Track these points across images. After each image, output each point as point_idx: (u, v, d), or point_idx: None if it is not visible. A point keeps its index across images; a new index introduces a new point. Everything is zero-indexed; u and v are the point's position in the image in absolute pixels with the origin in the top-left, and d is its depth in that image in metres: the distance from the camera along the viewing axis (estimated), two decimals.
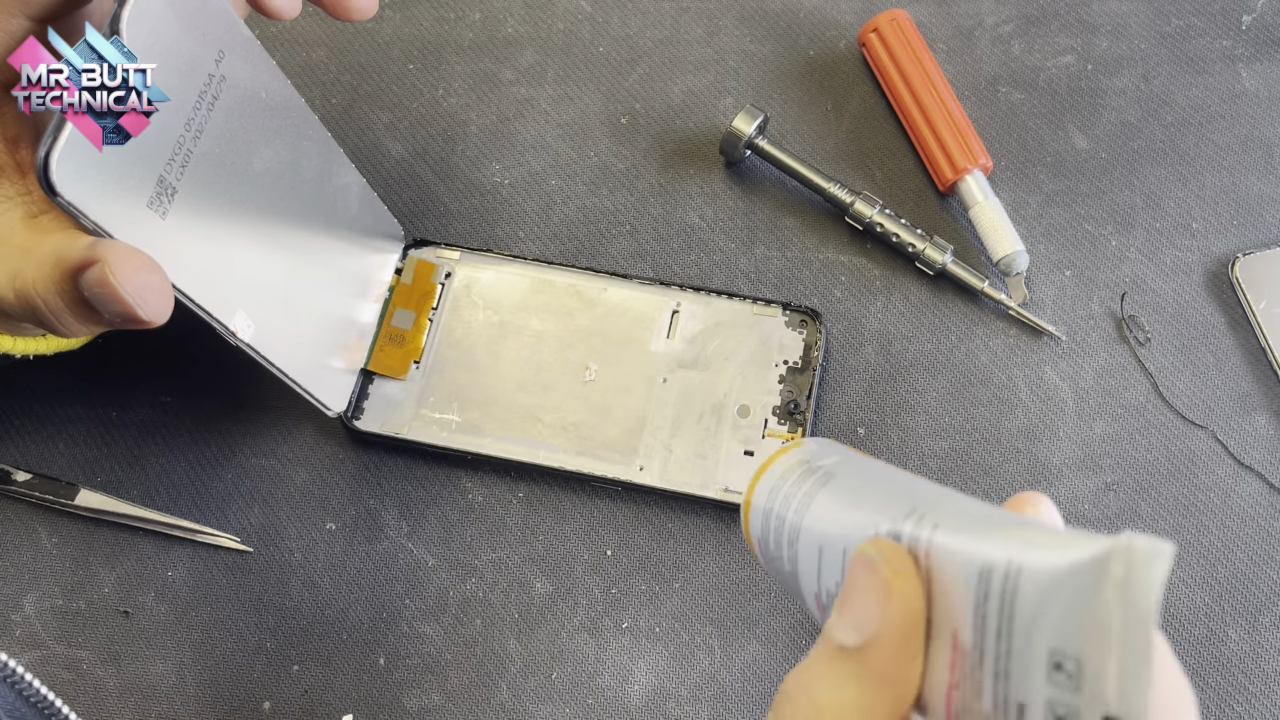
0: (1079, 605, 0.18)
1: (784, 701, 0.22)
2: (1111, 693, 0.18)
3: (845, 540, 0.24)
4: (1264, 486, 0.44)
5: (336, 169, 0.40)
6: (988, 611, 0.20)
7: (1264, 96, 0.50)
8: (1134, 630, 0.17)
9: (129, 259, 0.28)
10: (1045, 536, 0.20)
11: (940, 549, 0.21)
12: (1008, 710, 0.19)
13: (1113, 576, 0.18)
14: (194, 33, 0.30)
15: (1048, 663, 0.18)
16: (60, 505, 0.43)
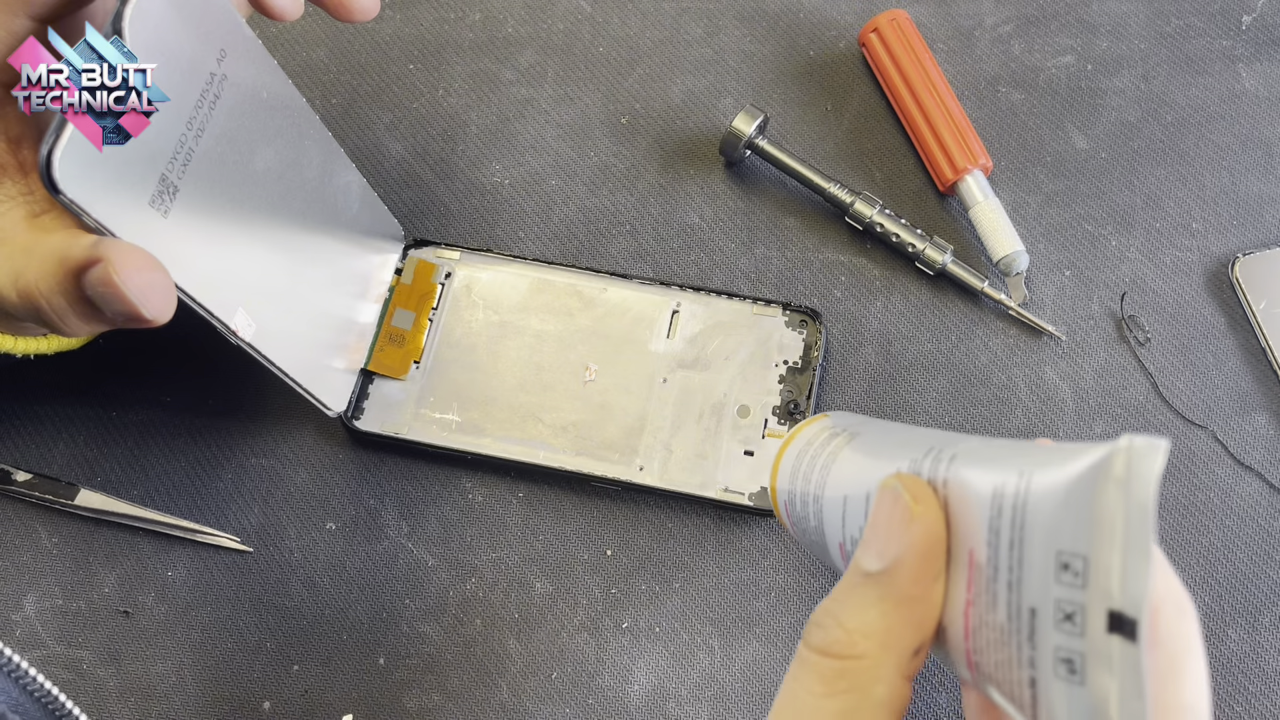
0: (1084, 507, 0.19)
1: (814, 629, 0.23)
2: (1115, 586, 0.18)
3: (868, 485, 0.25)
4: (1264, 486, 0.44)
5: (337, 169, 0.40)
6: (1000, 527, 0.21)
7: (1264, 96, 0.50)
8: (1135, 522, 0.18)
9: (132, 258, 0.28)
10: (1052, 454, 0.21)
11: (956, 477, 0.22)
12: (1020, 616, 0.20)
13: (1114, 475, 0.19)
14: (196, 31, 0.30)
15: (1056, 564, 0.19)
16: (60, 505, 0.43)
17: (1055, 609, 0.19)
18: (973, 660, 0.22)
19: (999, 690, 0.21)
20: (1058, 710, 0.20)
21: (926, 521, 0.22)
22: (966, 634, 0.22)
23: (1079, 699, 0.19)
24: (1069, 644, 0.19)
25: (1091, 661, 0.19)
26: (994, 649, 0.21)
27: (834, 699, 0.22)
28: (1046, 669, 0.20)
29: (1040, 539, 0.20)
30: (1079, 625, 0.19)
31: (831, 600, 0.23)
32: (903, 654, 0.22)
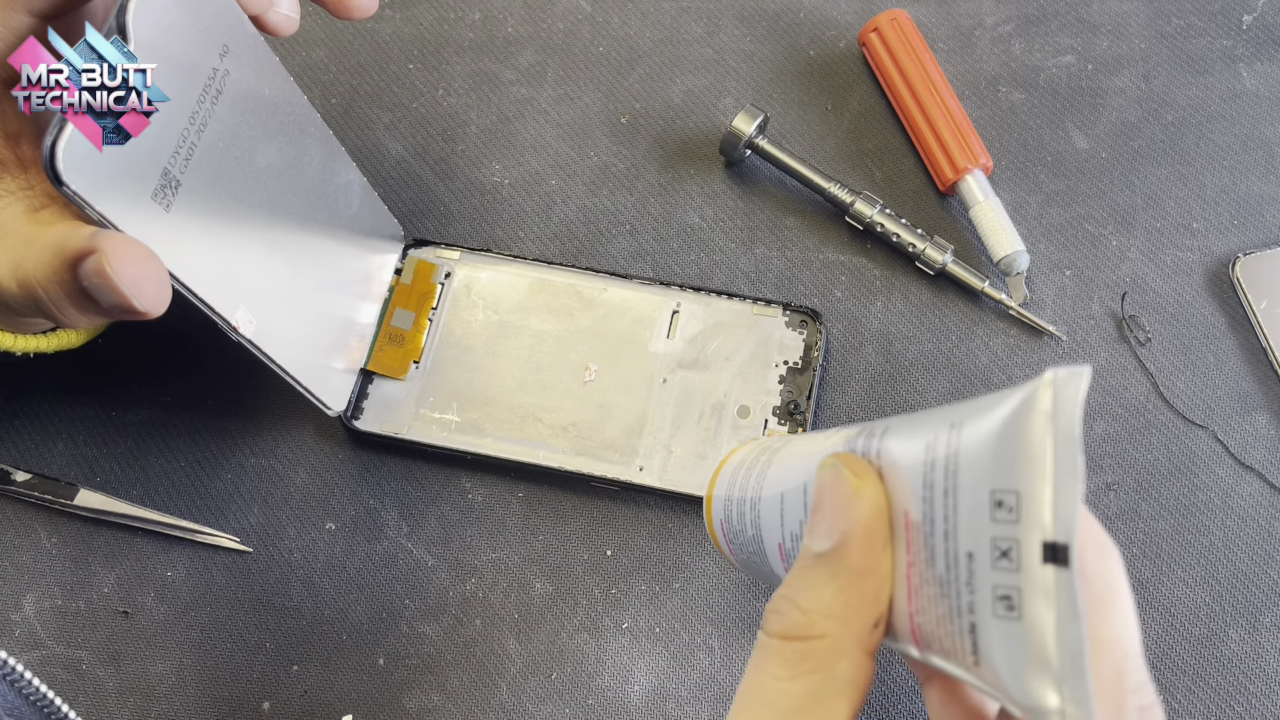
0: (1014, 443, 0.20)
1: (772, 615, 0.23)
2: (1047, 516, 0.19)
3: (805, 476, 0.25)
4: (1264, 486, 0.44)
5: (338, 167, 0.40)
6: (934, 480, 0.21)
7: (1265, 96, 0.50)
8: (1063, 449, 0.19)
9: (126, 249, 0.28)
10: (981, 402, 0.21)
11: (888, 446, 0.23)
12: (958, 563, 0.21)
13: (1041, 408, 0.19)
14: (198, 26, 0.30)
15: (990, 504, 0.20)
16: (60, 505, 0.43)
17: (991, 548, 0.20)
18: (916, 625, 0.22)
19: (942, 654, 0.22)
20: (998, 651, 0.20)
21: (868, 493, 0.22)
22: (910, 597, 0.22)
23: (1018, 634, 0.20)
24: (1006, 580, 0.20)
25: (1028, 594, 0.19)
26: (935, 605, 0.21)
27: (798, 681, 0.22)
28: (986, 611, 0.20)
29: (973, 482, 0.20)
30: (1015, 560, 0.20)
31: (786, 586, 0.23)
32: (862, 629, 0.22)
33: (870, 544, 0.22)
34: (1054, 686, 0.19)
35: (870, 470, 0.23)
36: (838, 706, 0.22)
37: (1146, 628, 0.41)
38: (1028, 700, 0.20)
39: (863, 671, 0.23)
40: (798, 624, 0.23)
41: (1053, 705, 0.19)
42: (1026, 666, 0.20)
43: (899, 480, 0.22)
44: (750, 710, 0.23)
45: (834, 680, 0.22)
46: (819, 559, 0.23)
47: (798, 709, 0.22)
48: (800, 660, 0.22)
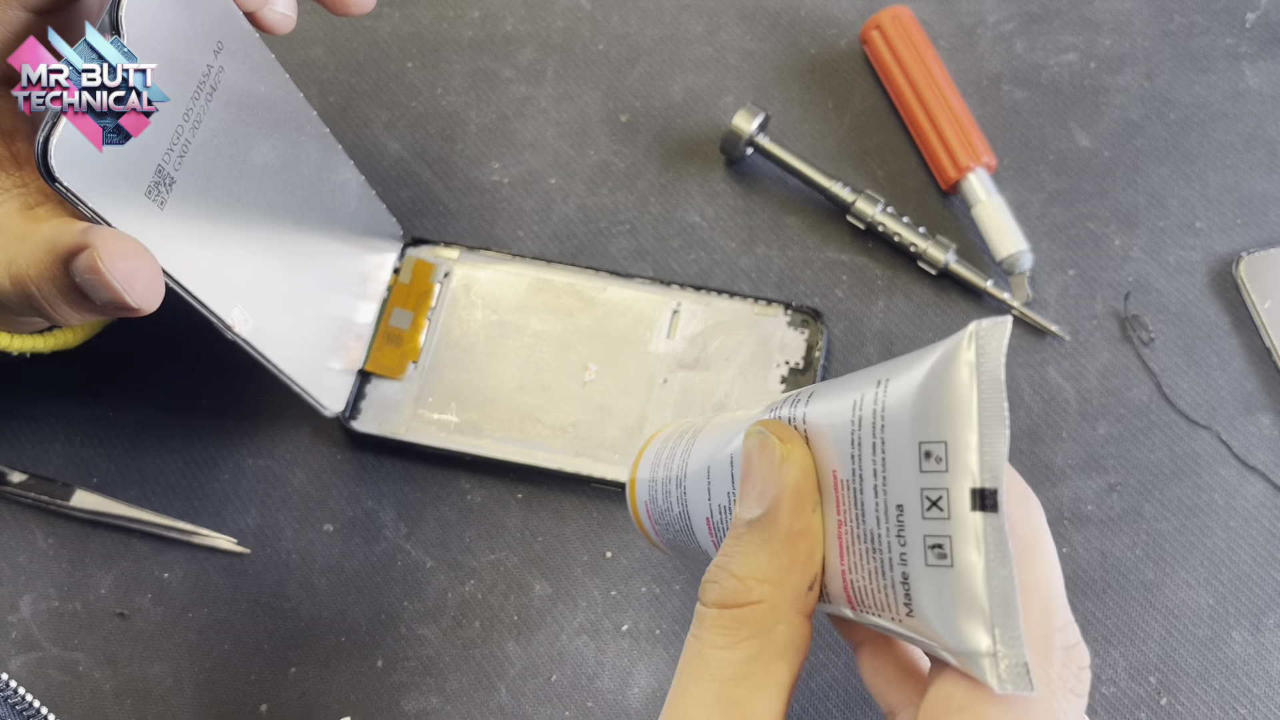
0: (941, 394, 0.20)
1: (709, 586, 0.24)
2: (975, 463, 0.20)
3: (731, 448, 0.26)
4: (1268, 487, 0.43)
5: (334, 165, 0.40)
6: (862, 437, 0.22)
7: (1268, 95, 0.50)
8: (988, 396, 0.20)
9: (118, 244, 0.28)
10: (905, 359, 0.22)
11: (813, 410, 0.23)
12: (889, 517, 0.21)
13: (965, 358, 0.20)
14: (192, 23, 0.30)
15: (919, 456, 0.20)
16: (56, 506, 0.43)
17: (921, 499, 0.20)
18: (849, 583, 0.23)
19: (875, 609, 0.22)
20: (929, 600, 0.21)
21: (795, 457, 0.23)
22: (842, 555, 0.23)
23: (949, 581, 0.20)
24: (937, 529, 0.20)
25: (959, 541, 0.20)
26: (867, 561, 0.22)
27: (739, 647, 0.23)
28: (918, 561, 0.21)
29: (902, 435, 0.21)
30: (945, 509, 0.20)
31: (721, 555, 0.24)
32: (798, 591, 0.23)
33: (800, 507, 0.23)
34: (986, 629, 0.20)
35: (795, 435, 0.23)
36: (778, 670, 0.23)
37: (1149, 629, 0.41)
38: (961, 645, 0.20)
39: (800, 634, 0.23)
40: (734, 591, 0.23)
41: (985, 647, 0.20)
42: (959, 612, 0.20)
43: (825, 441, 0.23)
44: (692, 681, 0.23)
45: (773, 644, 0.23)
46: (751, 526, 0.23)
47: (739, 675, 0.23)
48: (739, 627, 0.23)
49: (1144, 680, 0.41)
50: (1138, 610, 0.42)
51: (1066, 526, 0.43)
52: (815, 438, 0.23)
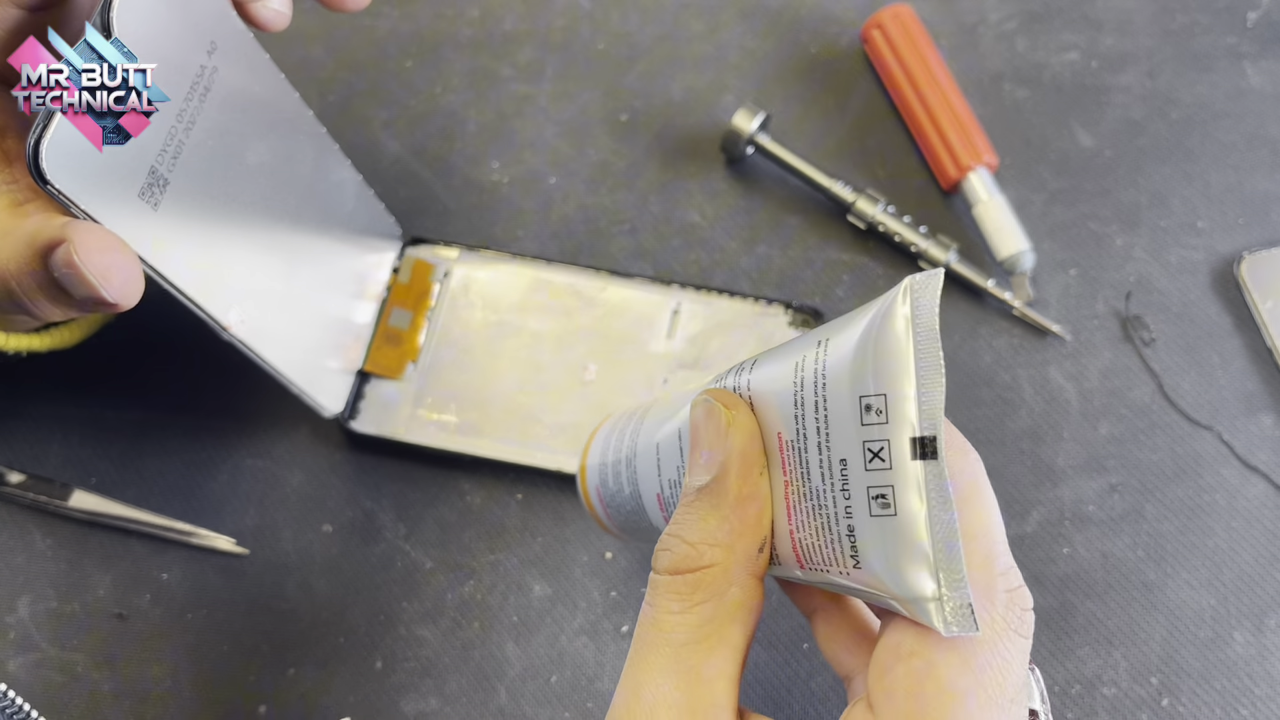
0: (879, 349, 0.21)
1: (661, 554, 0.24)
2: (913, 412, 0.20)
3: (679, 423, 0.26)
4: (1270, 487, 0.43)
5: (331, 165, 0.40)
6: (804, 397, 0.22)
7: (1270, 94, 0.50)
8: (924, 346, 0.20)
9: (94, 239, 0.28)
10: (844, 318, 0.23)
11: (757, 376, 0.24)
12: (833, 472, 0.22)
13: (901, 313, 0.21)
14: (185, 23, 0.30)
15: (860, 410, 0.21)
16: (54, 507, 0.43)
17: (863, 452, 0.21)
18: (797, 542, 0.23)
19: (823, 565, 0.23)
20: (875, 549, 0.21)
21: (741, 422, 0.23)
22: (789, 515, 0.23)
23: (893, 529, 0.21)
24: (880, 480, 0.21)
25: (901, 489, 0.20)
26: (814, 517, 0.22)
27: (693, 611, 0.23)
28: (862, 512, 0.21)
29: (843, 392, 0.21)
30: (887, 459, 0.21)
31: (673, 524, 0.24)
32: (748, 553, 0.23)
33: (748, 471, 0.23)
34: (930, 574, 0.20)
35: (740, 401, 0.24)
36: (732, 632, 0.23)
37: (1151, 630, 0.41)
38: (907, 591, 0.21)
39: (753, 596, 0.24)
40: (686, 556, 0.23)
41: (930, 591, 0.20)
42: (903, 559, 0.21)
43: (770, 406, 0.23)
44: (648, 648, 0.24)
45: (726, 607, 0.23)
46: (700, 493, 0.24)
47: (695, 639, 0.23)
48: (692, 591, 0.23)
49: (1145, 681, 0.40)
50: (1139, 611, 0.41)
51: (1068, 527, 0.43)
52: (760, 403, 0.24)
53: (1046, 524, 0.43)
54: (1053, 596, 0.42)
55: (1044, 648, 0.41)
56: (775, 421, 0.23)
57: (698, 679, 0.23)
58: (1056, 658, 0.41)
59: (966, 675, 0.21)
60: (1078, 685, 0.40)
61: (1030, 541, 0.43)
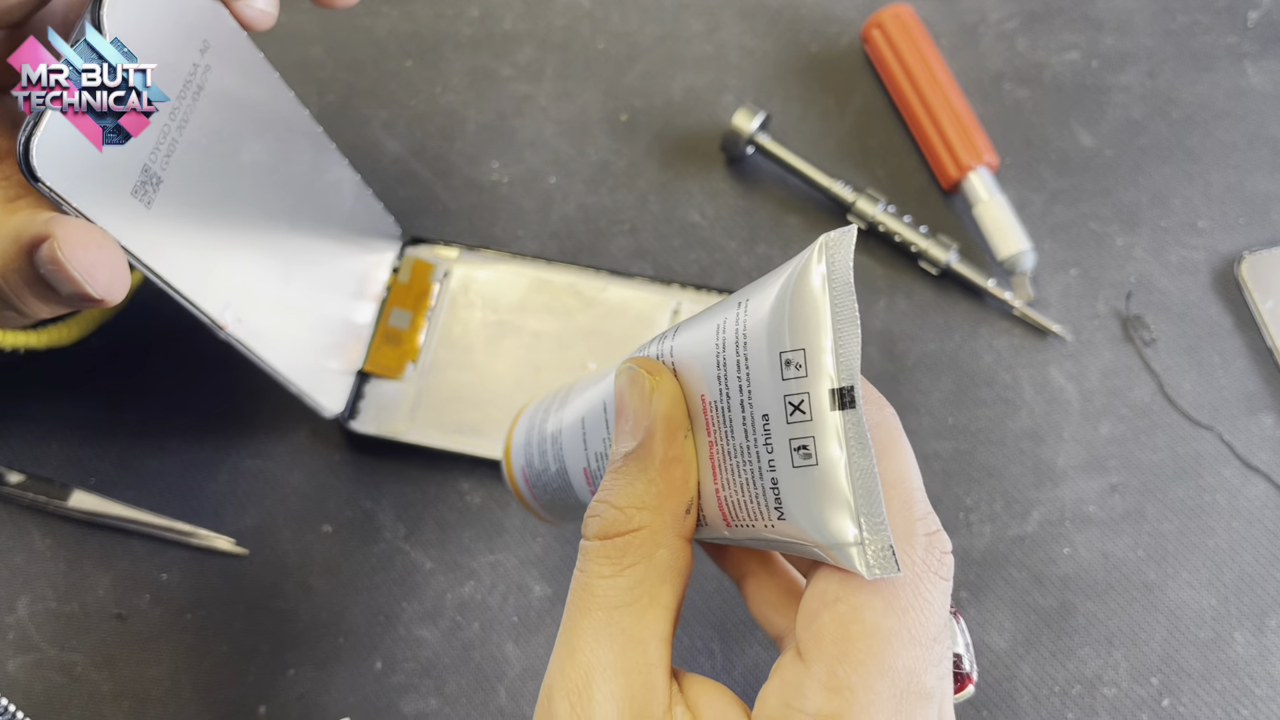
0: (796, 305, 0.21)
1: (591, 520, 0.25)
2: (831, 364, 0.21)
3: (604, 395, 0.27)
4: (1270, 488, 0.43)
5: (328, 164, 0.40)
6: (726, 358, 0.23)
7: (1271, 93, 0.50)
8: (839, 299, 0.21)
9: (79, 234, 0.27)
10: (763, 279, 0.23)
11: (680, 342, 0.24)
12: (756, 428, 0.22)
13: (818, 271, 0.21)
14: (177, 22, 0.30)
15: (780, 365, 0.21)
16: (54, 507, 0.43)
17: (785, 406, 0.21)
18: (723, 500, 0.23)
19: (749, 521, 0.23)
20: (798, 501, 0.22)
21: (664, 387, 0.24)
22: (715, 474, 0.23)
23: (815, 479, 0.21)
24: (801, 431, 0.21)
25: (821, 439, 0.21)
26: (738, 474, 0.23)
27: (623, 575, 0.24)
28: (785, 464, 0.22)
29: (763, 349, 0.22)
30: (807, 411, 0.21)
31: (600, 491, 0.25)
32: (676, 515, 0.24)
33: (672, 434, 0.24)
34: (852, 519, 0.21)
35: (663, 368, 0.24)
36: (662, 593, 0.24)
37: (1151, 630, 0.41)
38: (830, 538, 0.21)
39: (681, 557, 0.24)
40: (615, 521, 0.24)
41: (852, 536, 0.21)
42: (826, 507, 0.21)
43: (693, 370, 0.24)
44: (580, 613, 0.24)
45: (656, 568, 0.24)
46: (627, 458, 0.24)
47: (626, 602, 0.23)
48: (622, 555, 0.24)
49: (1146, 682, 0.40)
50: (1140, 611, 0.41)
51: (1068, 527, 0.43)
52: (683, 368, 0.24)
53: (1047, 524, 0.43)
54: (1053, 596, 0.42)
55: (1044, 648, 0.41)
56: (698, 384, 0.24)
57: (630, 640, 0.23)
58: (1057, 658, 0.41)
59: (890, 616, 0.21)
60: (1078, 685, 0.40)
61: (1031, 541, 0.42)
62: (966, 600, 0.42)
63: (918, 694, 0.21)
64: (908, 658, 0.21)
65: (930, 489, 0.43)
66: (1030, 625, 0.41)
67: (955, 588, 0.42)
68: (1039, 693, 0.40)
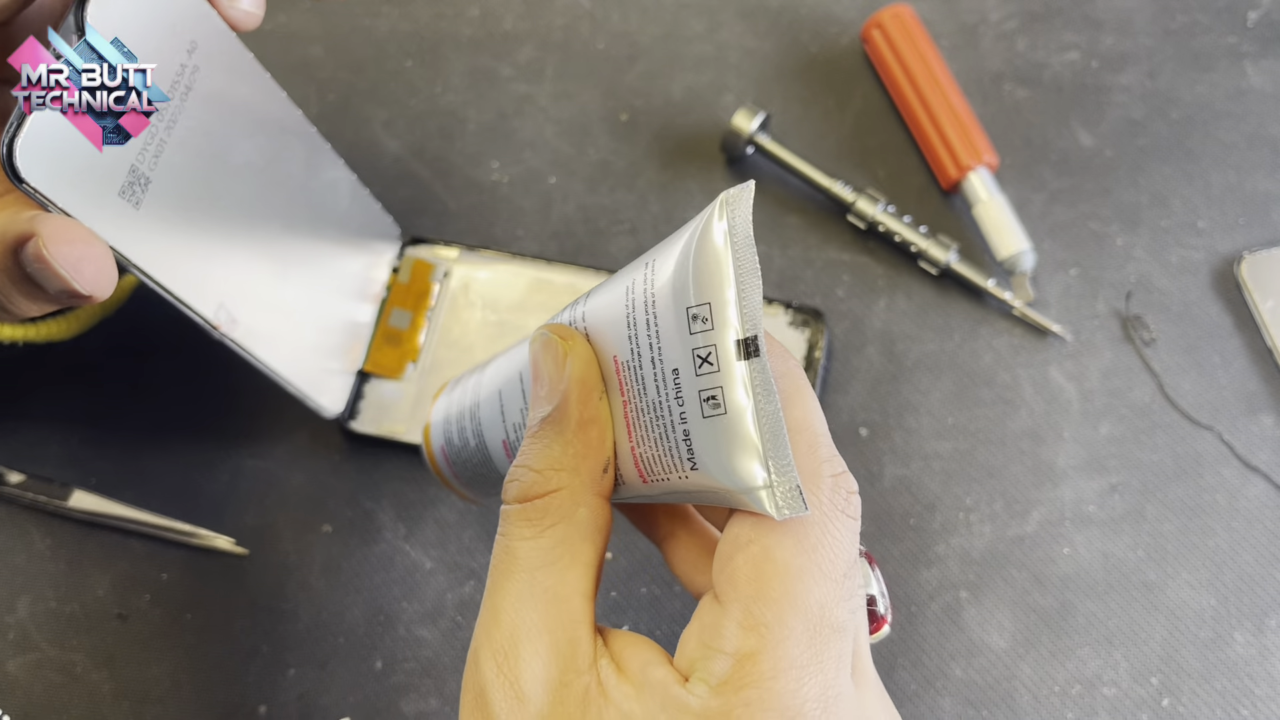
0: (700, 262, 0.22)
1: (510, 485, 0.25)
2: (735, 316, 0.22)
3: (519, 367, 0.28)
4: (1270, 488, 0.43)
5: (324, 164, 0.40)
6: (636, 318, 0.23)
7: (1270, 93, 0.50)
8: (740, 253, 0.22)
9: (64, 230, 0.27)
10: (666, 241, 0.24)
11: (591, 307, 0.25)
12: (667, 383, 0.23)
13: (719, 228, 0.22)
14: (162, 22, 0.30)
15: (687, 320, 0.22)
16: (54, 507, 0.43)
17: (693, 359, 0.22)
18: (638, 457, 0.24)
19: (664, 474, 0.24)
20: (709, 449, 0.22)
21: (577, 350, 0.25)
22: (630, 432, 0.24)
23: (724, 426, 0.22)
24: (709, 382, 0.22)
25: (728, 388, 0.22)
26: (652, 429, 0.24)
27: (544, 535, 0.24)
28: (696, 415, 0.22)
29: (670, 307, 0.23)
30: (715, 362, 0.22)
31: (520, 456, 0.25)
32: (593, 475, 0.24)
33: (587, 396, 0.24)
34: (760, 463, 0.22)
35: (575, 333, 0.25)
36: (584, 550, 0.24)
37: (1151, 630, 0.41)
38: (740, 483, 0.22)
39: (601, 515, 0.25)
40: (534, 483, 0.24)
41: (761, 480, 0.22)
42: (735, 453, 0.22)
43: (604, 333, 0.24)
44: (503, 576, 0.24)
45: (577, 527, 0.24)
46: (544, 423, 0.25)
47: (548, 561, 0.24)
48: (542, 516, 0.24)
49: (1146, 681, 0.40)
50: (1140, 611, 0.41)
51: (1068, 527, 0.43)
52: (595, 331, 0.25)
53: (1047, 524, 0.43)
54: (1053, 596, 0.42)
55: (1044, 648, 0.41)
56: (610, 346, 0.24)
57: (554, 599, 0.24)
58: (1057, 658, 0.41)
59: (801, 554, 0.22)
60: (1078, 685, 0.40)
61: (1031, 541, 0.43)
62: (966, 600, 0.42)
63: (830, 627, 0.22)
64: (819, 593, 0.22)
65: (930, 489, 0.43)
66: (1030, 625, 0.41)
67: (956, 586, 0.42)
68: (1039, 693, 0.40)
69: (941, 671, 0.41)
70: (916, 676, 0.41)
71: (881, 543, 0.43)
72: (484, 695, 0.23)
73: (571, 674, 0.23)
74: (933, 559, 0.42)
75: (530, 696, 0.23)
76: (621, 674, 0.23)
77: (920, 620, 0.41)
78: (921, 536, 0.43)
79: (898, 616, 0.41)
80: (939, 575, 0.42)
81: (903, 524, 0.43)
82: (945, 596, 0.42)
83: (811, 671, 0.22)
